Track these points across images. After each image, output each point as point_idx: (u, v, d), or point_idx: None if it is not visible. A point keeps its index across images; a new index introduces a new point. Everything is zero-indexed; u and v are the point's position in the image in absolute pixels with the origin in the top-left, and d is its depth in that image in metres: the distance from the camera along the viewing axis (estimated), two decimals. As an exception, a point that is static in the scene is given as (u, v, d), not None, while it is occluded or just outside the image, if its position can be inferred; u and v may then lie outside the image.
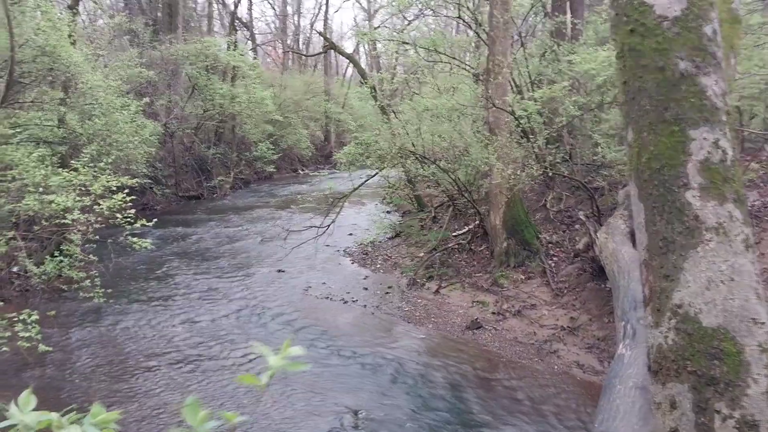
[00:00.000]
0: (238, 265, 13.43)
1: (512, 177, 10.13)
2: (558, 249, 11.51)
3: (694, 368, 1.82)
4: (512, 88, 12.25)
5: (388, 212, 17.24)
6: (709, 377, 1.80)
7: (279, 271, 12.86)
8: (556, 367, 8.57)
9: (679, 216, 1.90)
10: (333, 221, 12.85)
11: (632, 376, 5.82)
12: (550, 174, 11.62)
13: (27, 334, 6.43)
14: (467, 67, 14.15)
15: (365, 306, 10.80)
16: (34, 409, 0.99)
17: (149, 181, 14.50)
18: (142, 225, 7.93)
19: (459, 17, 13.99)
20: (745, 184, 7.48)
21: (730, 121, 1.94)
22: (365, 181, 14.15)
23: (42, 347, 6.70)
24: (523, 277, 10.93)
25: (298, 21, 46.22)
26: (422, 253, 12.42)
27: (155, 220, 8.18)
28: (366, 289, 11.67)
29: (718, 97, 1.91)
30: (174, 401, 7.42)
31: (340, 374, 8.36)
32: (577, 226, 11.85)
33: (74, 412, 1.05)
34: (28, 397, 1.02)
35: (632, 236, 10.27)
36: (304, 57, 39.68)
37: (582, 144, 13.27)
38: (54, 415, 1.00)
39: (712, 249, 1.84)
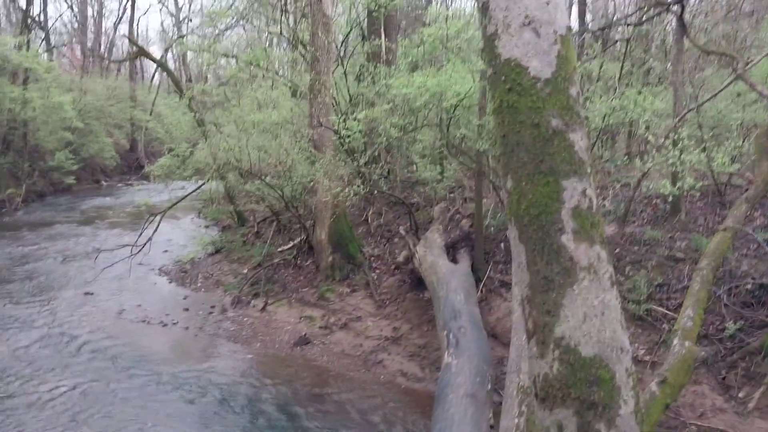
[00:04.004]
0: (38, 287, 12.02)
1: (339, 194, 10.36)
2: (380, 262, 11.98)
3: (577, 394, 2.11)
4: (334, 107, 12.51)
5: (206, 227, 16.56)
6: (590, 402, 2.11)
7: (87, 293, 11.75)
8: (382, 377, 8.88)
9: (557, 257, 2.18)
10: (150, 238, 12.03)
11: (462, 384, 6.27)
12: (372, 191, 12.07)
13: None
14: (288, 83, 14.17)
15: (187, 328, 10.29)
16: None
17: None
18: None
19: (281, 33, 14.00)
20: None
21: (593, 173, 2.25)
22: (188, 194, 13.49)
23: None
24: (348, 290, 11.20)
25: (100, 22, 42.62)
26: (246, 270, 12.14)
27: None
28: (187, 309, 11.11)
29: (584, 152, 2.24)
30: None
31: (161, 403, 7.86)
32: (396, 240, 12.43)
33: None
34: None
35: (448, 250, 11.04)
36: (106, 61, 36.77)
37: (399, 162, 13.98)
38: None
39: (586, 287, 2.15)
